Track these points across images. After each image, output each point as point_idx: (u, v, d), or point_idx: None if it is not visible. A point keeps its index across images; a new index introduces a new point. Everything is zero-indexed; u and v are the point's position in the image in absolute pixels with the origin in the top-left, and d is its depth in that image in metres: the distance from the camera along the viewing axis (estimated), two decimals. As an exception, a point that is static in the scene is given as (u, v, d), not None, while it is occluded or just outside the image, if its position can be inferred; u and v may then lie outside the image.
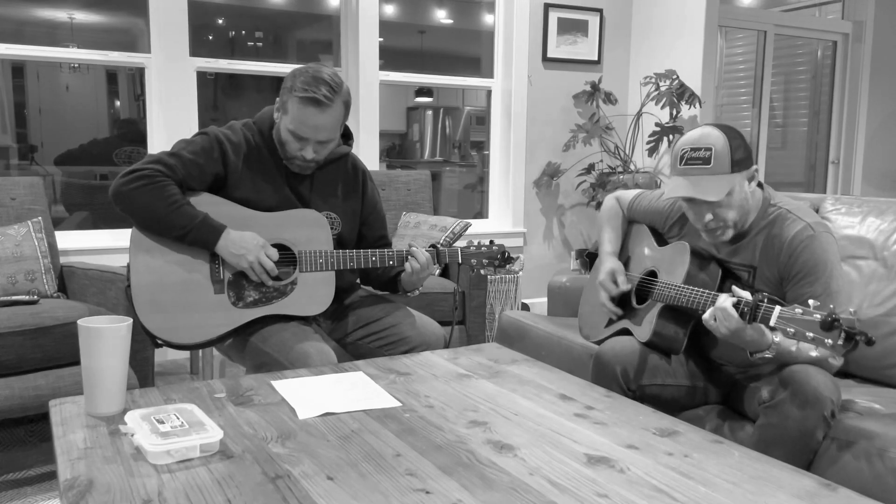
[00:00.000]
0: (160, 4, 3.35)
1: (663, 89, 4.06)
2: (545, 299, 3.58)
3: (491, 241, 2.18)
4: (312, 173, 2.10)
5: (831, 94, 5.19)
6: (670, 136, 4.09)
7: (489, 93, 4.36)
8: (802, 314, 1.50)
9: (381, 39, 3.88)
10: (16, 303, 2.43)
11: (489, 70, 4.35)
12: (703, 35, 4.14)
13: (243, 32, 5.66)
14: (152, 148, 3.46)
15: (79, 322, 1.43)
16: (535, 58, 4.27)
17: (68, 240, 3.20)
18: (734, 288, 1.69)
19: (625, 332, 2.09)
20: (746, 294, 1.66)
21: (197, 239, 1.93)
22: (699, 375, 1.98)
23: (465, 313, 3.14)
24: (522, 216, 4.33)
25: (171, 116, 3.41)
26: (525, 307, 4.11)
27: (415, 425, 1.44)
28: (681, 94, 4.00)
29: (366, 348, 2.13)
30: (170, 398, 1.56)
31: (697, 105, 4.04)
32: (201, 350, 2.95)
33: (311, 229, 2.04)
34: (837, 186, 5.23)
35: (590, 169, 4.30)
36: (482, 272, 2.14)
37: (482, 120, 6.91)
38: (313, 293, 2.02)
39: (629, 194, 2.29)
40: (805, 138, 5.45)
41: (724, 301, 1.66)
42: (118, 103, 5.56)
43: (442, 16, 6.42)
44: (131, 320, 1.47)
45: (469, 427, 1.43)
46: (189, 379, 3.20)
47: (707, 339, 1.94)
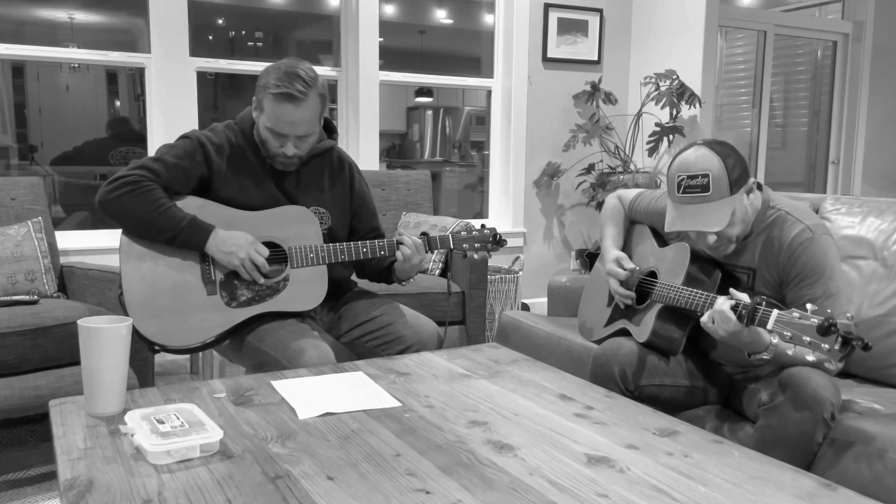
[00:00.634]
0: (160, 4, 3.35)
1: (663, 89, 4.06)
2: (545, 299, 3.58)
3: (483, 225, 2.18)
4: (298, 169, 2.09)
5: (831, 94, 5.19)
6: (670, 137, 4.09)
7: (489, 93, 4.36)
8: (800, 318, 1.50)
9: (381, 39, 3.88)
10: (16, 303, 2.43)
11: (489, 70, 4.35)
12: (703, 35, 4.14)
13: (243, 32, 5.66)
14: (152, 148, 3.46)
15: (79, 322, 1.43)
16: (535, 58, 4.27)
17: (68, 240, 3.21)
18: (732, 290, 1.69)
19: (624, 333, 2.09)
20: (744, 297, 1.66)
21: (186, 240, 1.93)
22: (698, 376, 1.98)
23: (465, 313, 3.14)
24: (522, 216, 4.33)
25: (171, 116, 3.41)
26: (525, 307, 4.11)
27: (415, 425, 1.44)
28: (681, 94, 4.00)
29: (362, 347, 2.13)
30: (170, 398, 1.56)
31: (697, 105, 4.04)
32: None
33: (299, 225, 2.04)
34: (837, 186, 5.23)
35: (590, 169, 4.30)
36: (475, 256, 2.14)
37: (482, 120, 6.91)
38: (306, 289, 2.02)
39: (630, 193, 2.28)
40: (805, 138, 5.45)
41: (723, 304, 1.66)
42: (118, 103, 5.56)
43: (442, 16, 6.42)
44: (131, 320, 1.48)
45: (469, 427, 1.43)
46: (189, 379, 3.20)
47: (706, 339, 1.94)
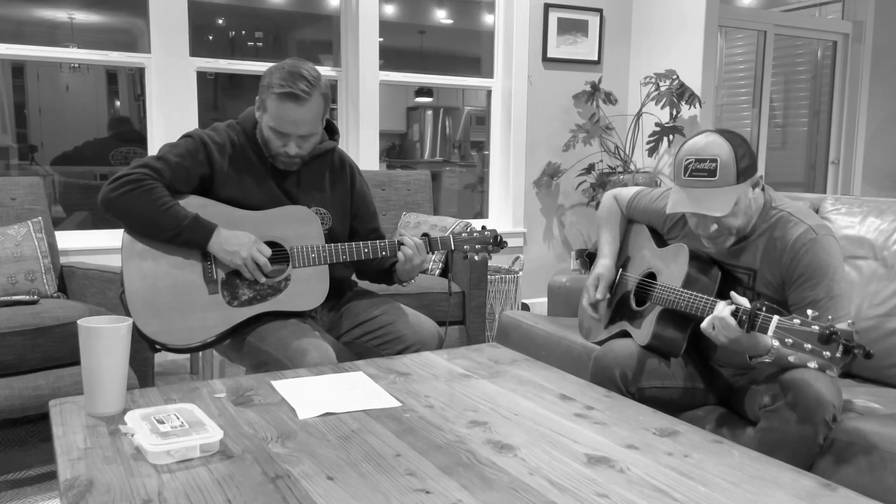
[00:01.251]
0: (160, 4, 3.35)
1: (663, 89, 4.06)
2: (545, 299, 3.58)
3: (483, 227, 2.19)
4: (299, 169, 2.10)
5: (831, 94, 5.19)
6: (670, 137, 4.09)
7: (489, 93, 4.36)
8: (801, 325, 1.48)
9: (381, 39, 3.88)
10: (16, 303, 2.43)
11: (489, 70, 4.35)
12: (703, 35, 4.14)
13: (243, 32, 5.66)
14: (152, 148, 3.46)
15: (79, 322, 1.43)
16: (535, 58, 4.27)
17: (68, 240, 3.21)
18: (732, 294, 1.68)
19: (624, 334, 2.08)
20: (745, 301, 1.64)
21: (189, 239, 1.94)
22: (698, 377, 1.98)
23: (465, 313, 3.14)
24: (522, 216, 4.33)
25: (171, 117, 3.41)
26: (525, 307, 4.11)
27: (415, 425, 1.44)
28: (681, 94, 4.00)
29: (362, 346, 2.13)
30: (170, 398, 1.56)
31: (697, 105, 4.04)
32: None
33: (301, 225, 2.05)
34: (837, 186, 5.23)
35: (590, 169, 4.30)
36: (476, 258, 2.15)
37: (482, 120, 6.91)
38: (308, 289, 2.02)
39: (628, 193, 2.26)
40: (805, 138, 5.45)
41: (723, 311, 1.64)
42: (118, 103, 5.56)
43: (442, 16, 6.42)
44: (131, 320, 1.48)
45: (469, 427, 1.43)
46: (189, 379, 3.20)
47: (706, 342, 1.94)
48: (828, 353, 1.44)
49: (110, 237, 3.32)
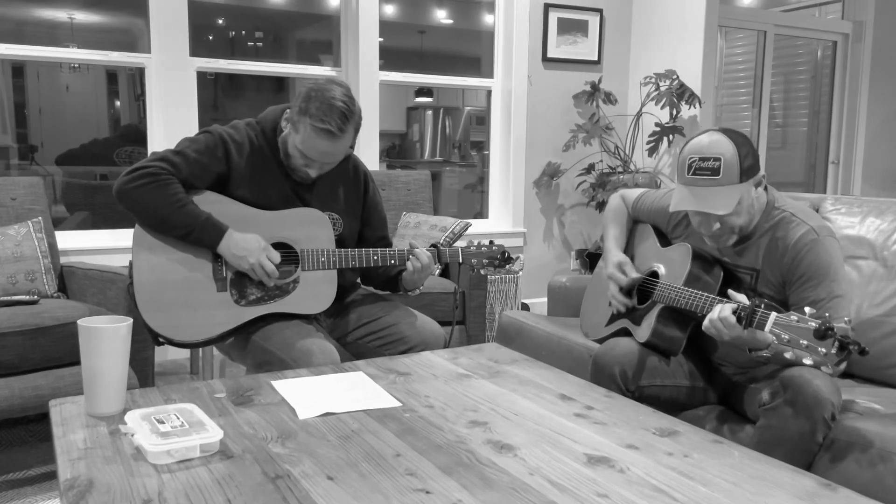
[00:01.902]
0: (160, 4, 3.35)
1: (663, 89, 4.06)
2: (545, 299, 3.58)
3: (491, 242, 2.19)
4: None
5: (831, 94, 5.19)
6: (670, 137, 4.09)
7: (489, 93, 4.36)
8: (797, 321, 1.50)
9: (381, 39, 3.88)
10: (16, 303, 2.43)
11: (489, 70, 4.35)
12: (703, 35, 4.14)
13: (243, 32, 5.66)
14: (152, 148, 3.46)
15: (79, 322, 1.43)
16: (535, 58, 4.27)
17: (68, 240, 3.20)
18: (731, 292, 1.69)
19: (625, 332, 2.09)
20: (743, 298, 1.66)
21: (199, 239, 1.94)
22: (698, 376, 1.98)
23: (465, 313, 3.14)
24: (522, 216, 4.33)
25: (171, 117, 3.41)
26: (525, 307, 4.11)
27: (415, 425, 1.44)
28: (681, 94, 4.00)
29: (365, 347, 2.13)
30: (170, 398, 1.56)
31: (697, 105, 4.04)
32: (201, 349, 2.95)
33: (312, 228, 2.05)
34: (837, 186, 5.23)
35: (590, 169, 4.30)
36: (482, 272, 2.16)
37: (482, 120, 6.91)
38: (316, 291, 2.02)
39: (634, 193, 2.28)
40: (805, 138, 5.45)
41: (724, 310, 1.66)
42: (118, 103, 5.57)
43: (442, 16, 6.43)
44: (131, 320, 1.47)
45: (469, 427, 1.43)
46: (189, 379, 3.20)
47: (707, 340, 1.94)
48: (823, 350, 1.45)
49: (110, 237, 3.32)
